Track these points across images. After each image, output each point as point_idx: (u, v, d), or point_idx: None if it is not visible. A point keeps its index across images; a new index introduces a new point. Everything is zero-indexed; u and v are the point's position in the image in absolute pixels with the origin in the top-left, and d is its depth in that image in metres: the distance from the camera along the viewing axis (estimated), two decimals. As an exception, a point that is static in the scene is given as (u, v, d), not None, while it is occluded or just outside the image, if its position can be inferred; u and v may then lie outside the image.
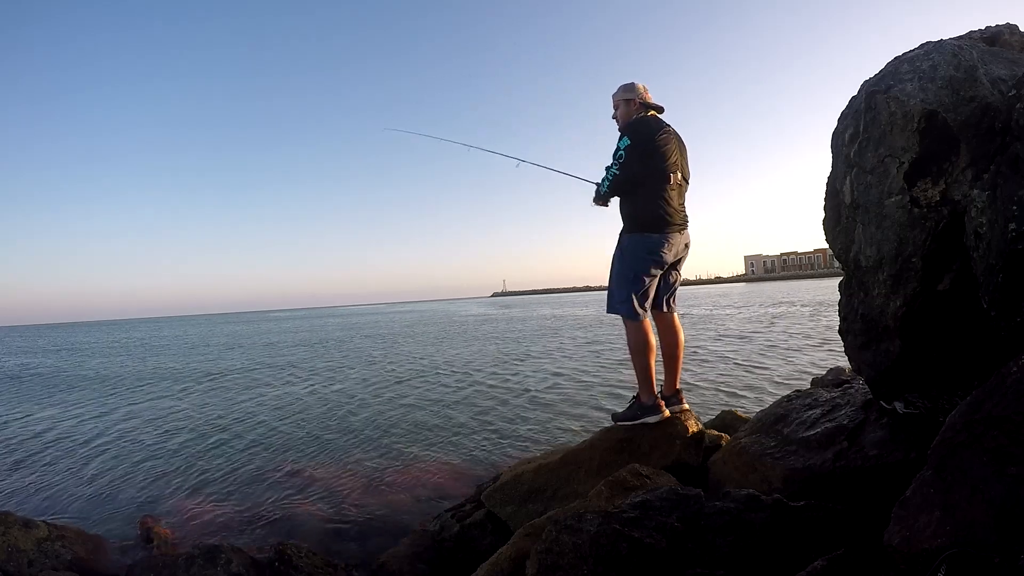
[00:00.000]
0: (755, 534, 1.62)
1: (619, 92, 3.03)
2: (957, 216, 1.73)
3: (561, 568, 1.61)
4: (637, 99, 2.97)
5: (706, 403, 5.97)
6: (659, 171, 2.79)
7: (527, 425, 5.80)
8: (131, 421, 7.38)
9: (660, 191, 2.79)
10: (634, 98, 2.98)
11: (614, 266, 2.95)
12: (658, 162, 2.79)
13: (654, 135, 2.80)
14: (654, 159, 2.79)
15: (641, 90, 2.99)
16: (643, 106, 2.98)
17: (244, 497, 4.18)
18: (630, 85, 3.01)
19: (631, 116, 2.96)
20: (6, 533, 2.73)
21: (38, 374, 14.92)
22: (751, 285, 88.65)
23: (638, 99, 2.97)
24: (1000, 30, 2.05)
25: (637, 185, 2.84)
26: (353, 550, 3.19)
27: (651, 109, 2.99)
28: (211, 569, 2.40)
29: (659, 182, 2.79)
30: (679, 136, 2.94)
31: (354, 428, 6.20)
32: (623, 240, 2.91)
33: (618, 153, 2.83)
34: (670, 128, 2.89)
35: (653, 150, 2.79)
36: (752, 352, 9.86)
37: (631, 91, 2.99)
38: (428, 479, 4.33)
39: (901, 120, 1.91)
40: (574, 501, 2.43)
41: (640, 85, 3.01)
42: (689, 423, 2.88)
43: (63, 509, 4.14)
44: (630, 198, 2.90)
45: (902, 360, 2.03)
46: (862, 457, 2.09)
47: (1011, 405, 1.17)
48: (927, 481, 1.25)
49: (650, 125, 2.85)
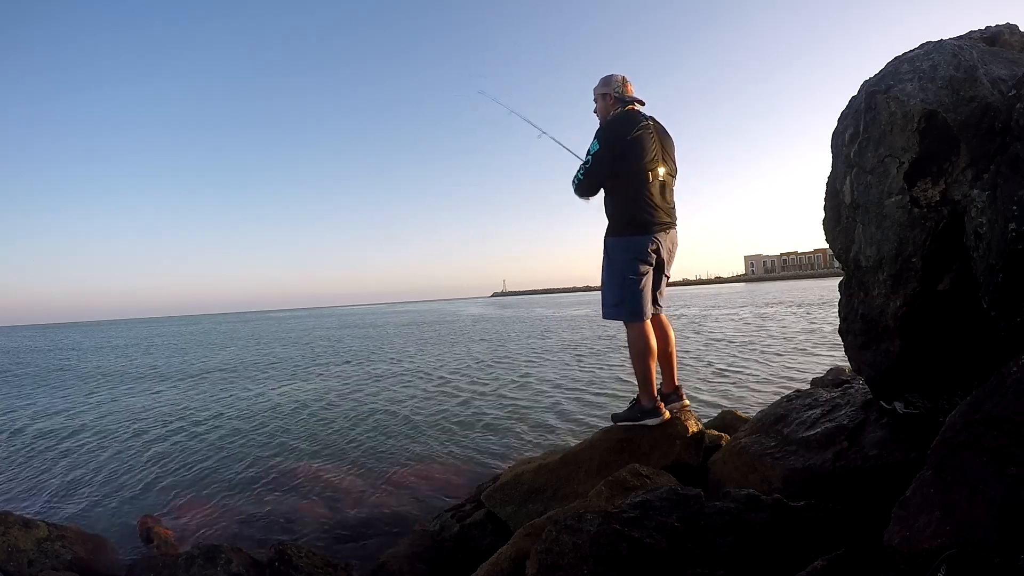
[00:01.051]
0: (755, 534, 1.62)
1: (598, 86, 2.96)
2: (957, 216, 1.73)
3: (561, 568, 1.61)
4: (613, 93, 2.89)
5: (706, 403, 5.97)
6: (636, 171, 2.69)
7: (527, 425, 5.80)
8: (131, 421, 7.38)
9: (640, 191, 2.70)
10: (610, 92, 2.89)
11: (603, 272, 2.87)
12: (634, 161, 2.69)
13: (628, 133, 2.69)
14: (629, 159, 2.69)
15: (619, 82, 2.89)
16: (620, 100, 2.88)
17: (244, 497, 4.18)
18: (607, 78, 2.92)
19: (608, 112, 2.88)
20: (6, 533, 2.73)
21: (32, 372, 14.93)
22: (750, 285, 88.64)
23: (614, 93, 2.89)
24: (1000, 30, 2.05)
25: (615, 187, 2.77)
26: (353, 550, 3.19)
27: (630, 103, 2.88)
28: (211, 569, 2.40)
29: (638, 182, 2.70)
30: (662, 128, 2.84)
31: (354, 428, 6.20)
32: (607, 244, 2.83)
33: (587, 156, 2.75)
34: (649, 123, 2.77)
35: (627, 150, 2.69)
36: (738, 354, 9.87)
37: (607, 85, 2.91)
38: (428, 479, 4.34)
39: (901, 120, 1.91)
40: (574, 501, 2.43)
41: (619, 77, 2.91)
42: (689, 423, 2.87)
43: (63, 509, 4.14)
44: (611, 199, 2.82)
45: (902, 360, 2.03)
46: (862, 457, 2.09)
47: (1011, 405, 1.17)
48: (927, 481, 1.25)
49: (626, 122, 2.74)
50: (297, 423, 6.65)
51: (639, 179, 2.70)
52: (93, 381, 12.40)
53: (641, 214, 2.72)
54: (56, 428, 7.17)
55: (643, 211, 2.72)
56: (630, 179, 2.72)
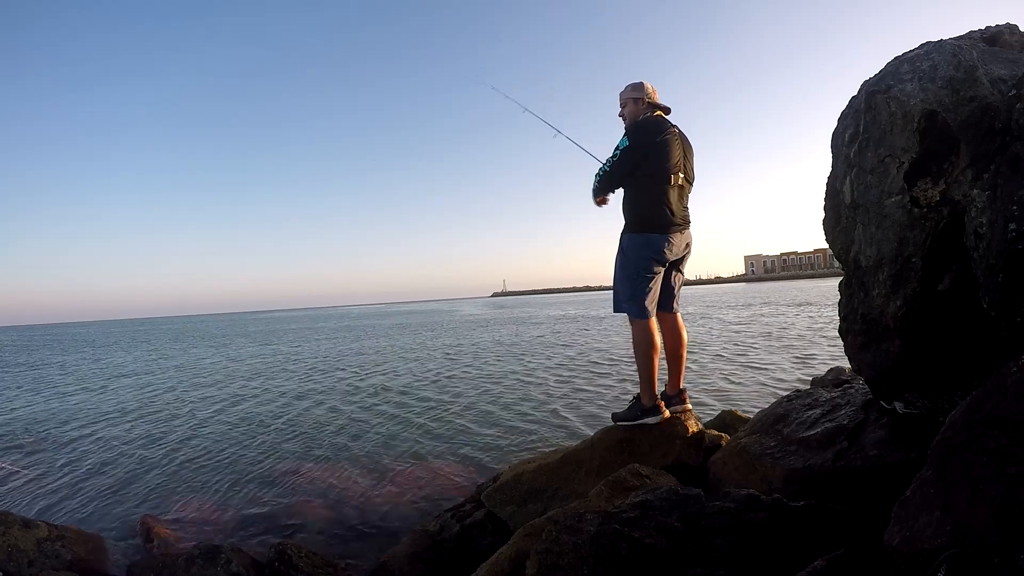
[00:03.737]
0: (755, 534, 1.62)
1: (627, 91, 3.06)
2: (957, 216, 1.73)
3: (561, 568, 1.61)
4: (645, 98, 3.01)
5: (706, 403, 5.97)
6: (660, 171, 2.81)
7: (527, 425, 5.80)
8: (129, 420, 7.38)
9: (660, 192, 2.82)
10: (642, 97, 3.01)
11: (616, 266, 2.96)
12: (660, 162, 2.81)
13: (657, 135, 2.83)
14: (656, 159, 2.81)
15: (650, 90, 3.03)
16: (650, 106, 3.01)
17: (244, 497, 4.18)
18: (639, 84, 3.05)
19: (638, 115, 2.99)
20: (6, 533, 2.73)
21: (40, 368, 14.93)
22: (750, 285, 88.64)
23: (646, 98, 3.01)
24: (1000, 30, 2.05)
25: (637, 184, 2.86)
26: (353, 550, 3.19)
27: (658, 109, 3.02)
28: (211, 569, 2.40)
29: (660, 182, 2.82)
30: (685, 137, 2.97)
31: (354, 428, 6.20)
32: (624, 240, 2.93)
33: (615, 152, 2.86)
34: (675, 129, 2.92)
35: (654, 151, 2.81)
36: (738, 354, 9.87)
37: (639, 90, 3.03)
38: (428, 479, 4.33)
39: (901, 120, 1.91)
40: (574, 501, 2.43)
41: (649, 86, 3.05)
42: (689, 423, 2.88)
43: (63, 509, 4.13)
44: (631, 197, 2.92)
45: (902, 360, 2.03)
46: (862, 457, 2.09)
47: (1011, 405, 1.17)
48: (927, 481, 1.25)
49: (655, 125, 2.88)
50: (296, 423, 6.65)
51: (661, 180, 2.82)
52: (90, 379, 12.39)
53: (659, 214, 2.82)
54: (55, 427, 7.16)
55: (661, 211, 2.82)
56: (652, 179, 2.83)
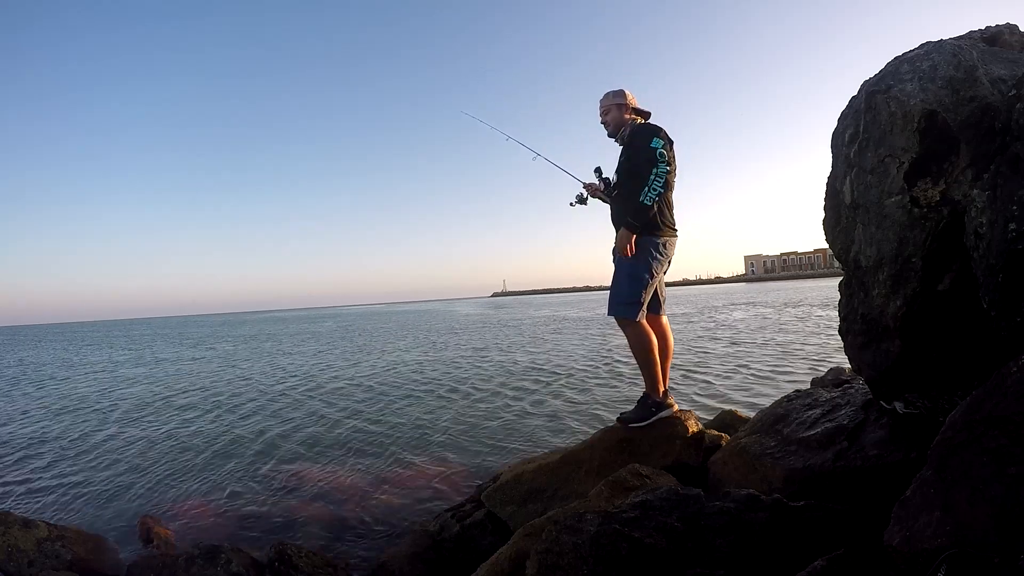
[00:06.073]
0: (755, 534, 1.62)
1: (609, 97, 3.08)
2: (957, 216, 1.73)
3: (561, 568, 1.61)
4: (627, 105, 3.04)
5: (706, 403, 5.97)
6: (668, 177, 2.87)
7: (527, 425, 5.79)
8: (130, 420, 7.38)
9: (668, 196, 2.92)
10: (625, 103, 3.04)
11: (623, 267, 2.92)
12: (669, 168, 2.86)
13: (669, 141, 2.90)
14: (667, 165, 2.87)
15: (631, 97, 3.07)
16: (633, 112, 3.06)
17: (244, 497, 4.18)
18: (620, 91, 3.08)
19: (622, 121, 3.03)
20: (6, 533, 2.73)
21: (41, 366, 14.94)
22: (750, 285, 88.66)
23: (628, 105, 3.04)
24: (1000, 30, 2.05)
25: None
26: (353, 550, 3.19)
27: (639, 115, 3.07)
28: (211, 569, 2.40)
29: (668, 187, 2.88)
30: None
31: (354, 428, 6.20)
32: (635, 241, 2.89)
33: (658, 152, 2.76)
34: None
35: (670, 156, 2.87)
36: (738, 353, 9.87)
37: (621, 96, 3.06)
38: (428, 479, 4.33)
39: (901, 120, 1.91)
40: (574, 501, 2.43)
41: (629, 92, 3.08)
42: (689, 423, 2.88)
43: (63, 509, 4.14)
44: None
45: (902, 360, 2.03)
46: (862, 457, 2.09)
47: (1011, 405, 1.17)
48: (927, 481, 1.25)
49: (663, 130, 2.89)
50: (296, 424, 6.64)
51: (668, 185, 2.88)
52: (90, 379, 12.39)
53: (666, 216, 2.92)
54: (54, 427, 7.16)
55: (667, 215, 2.93)
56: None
